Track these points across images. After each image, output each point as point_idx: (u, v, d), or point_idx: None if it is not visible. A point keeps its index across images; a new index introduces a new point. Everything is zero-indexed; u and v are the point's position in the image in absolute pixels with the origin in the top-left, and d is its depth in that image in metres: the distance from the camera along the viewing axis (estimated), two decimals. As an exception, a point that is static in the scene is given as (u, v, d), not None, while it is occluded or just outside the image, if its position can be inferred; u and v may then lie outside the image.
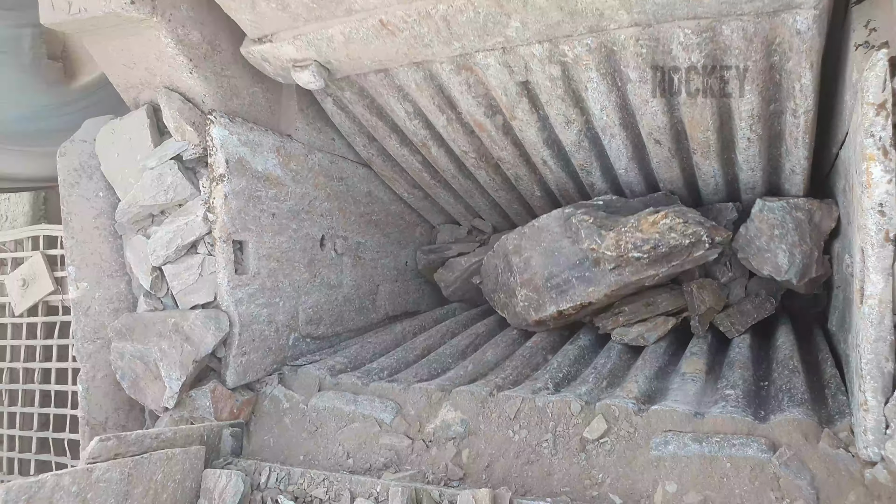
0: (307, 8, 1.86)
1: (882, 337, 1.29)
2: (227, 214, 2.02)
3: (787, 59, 1.77)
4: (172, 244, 2.02)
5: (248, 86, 2.22)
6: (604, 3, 1.66)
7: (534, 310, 2.33)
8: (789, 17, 1.61)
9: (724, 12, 1.64)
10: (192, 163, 2.09)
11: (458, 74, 2.08)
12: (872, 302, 1.29)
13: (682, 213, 2.10)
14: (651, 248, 2.05)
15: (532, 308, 2.34)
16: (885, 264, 1.28)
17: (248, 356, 2.08)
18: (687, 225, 2.05)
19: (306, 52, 2.01)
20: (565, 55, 1.90)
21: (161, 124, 2.13)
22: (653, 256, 2.07)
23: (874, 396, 1.29)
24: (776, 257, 2.16)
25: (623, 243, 2.08)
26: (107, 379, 2.03)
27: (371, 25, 1.86)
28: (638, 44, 1.79)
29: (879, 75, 1.30)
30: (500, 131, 2.35)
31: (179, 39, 1.99)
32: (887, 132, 1.28)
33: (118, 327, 1.99)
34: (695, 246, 2.07)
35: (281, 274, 2.24)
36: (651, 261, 2.10)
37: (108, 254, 2.13)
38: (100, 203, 2.14)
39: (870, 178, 1.29)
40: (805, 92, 1.86)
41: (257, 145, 2.16)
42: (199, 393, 1.93)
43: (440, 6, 1.76)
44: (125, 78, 2.14)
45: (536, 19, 1.75)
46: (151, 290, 2.06)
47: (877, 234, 1.29)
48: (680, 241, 2.04)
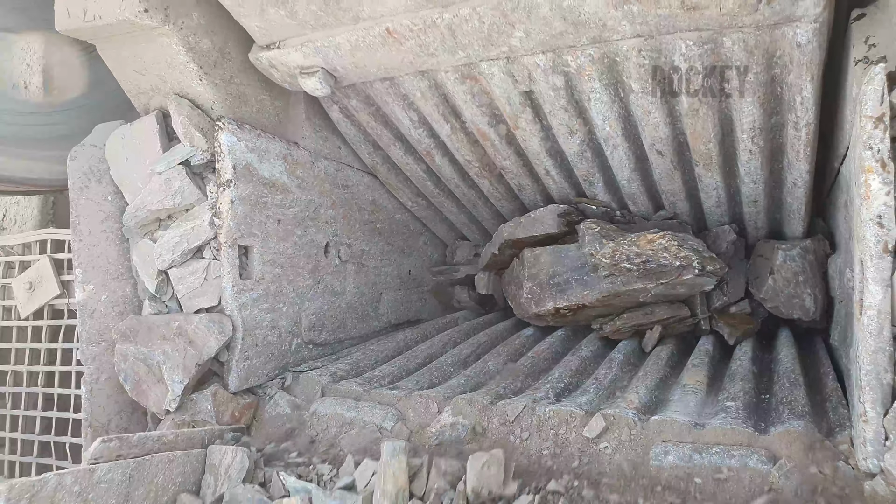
0: (315, 16, 1.89)
1: (881, 348, 1.29)
2: (234, 220, 2.04)
3: (788, 71, 1.79)
4: (179, 248, 2.04)
5: (257, 93, 2.25)
6: (606, 14, 1.68)
7: (535, 303, 2.52)
8: (790, 30, 1.63)
9: (726, 24, 1.66)
10: (199, 168, 2.12)
11: (462, 83, 2.11)
12: (871, 313, 1.30)
13: (681, 238, 2.20)
14: (642, 263, 2.20)
15: (533, 301, 2.52)
16: (884, 275, 1.29)
17: (251, 361, 2.09)
18: (681, 248, 2.17)
19: (313, 59, 2.04)
20: (568, 65, 1.92)
21: (170, 130, 2.16)
22: (643, 270, 2.22)
23: (873, 407, 1.30)
24: (804, 302, 2.29)
25: (618, 254, 2.22)
26: (110, 381, 2.04)
27: (377, 34, 1.89)
28: (640, 55, 1.81)
29: (877, 89, 1.31)
30: (503, 141, 2.37)
31: (190, 47, 2.03)
32: (885, 145, 1.30)
33: (123, 329, 2.01)
34: (684, 269, 2.19)
35: (285, 280, 2.25)
36: (641, 274, 2.24)
37: (114, 257, 2.15)
38: (108, 207, 2.16)
39: (868, 190, 1.31)
40: (806, 104, 1.87)
41: (264, 152, 2.19)
42: (200, 396, 1.94)
43: (445, 15, 1.79)
44: (136, 84, 2.17)
45: (540, 29, 1.78)
46: (156, 294, 2.07)
47: (875, 246, 1.30)
48: (671, 261, 2.18)
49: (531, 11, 1.71)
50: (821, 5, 1.54)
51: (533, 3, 1.70)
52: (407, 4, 1.78)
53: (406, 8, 1.79)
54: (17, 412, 2.63)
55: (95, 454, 1.57)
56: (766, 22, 1.62)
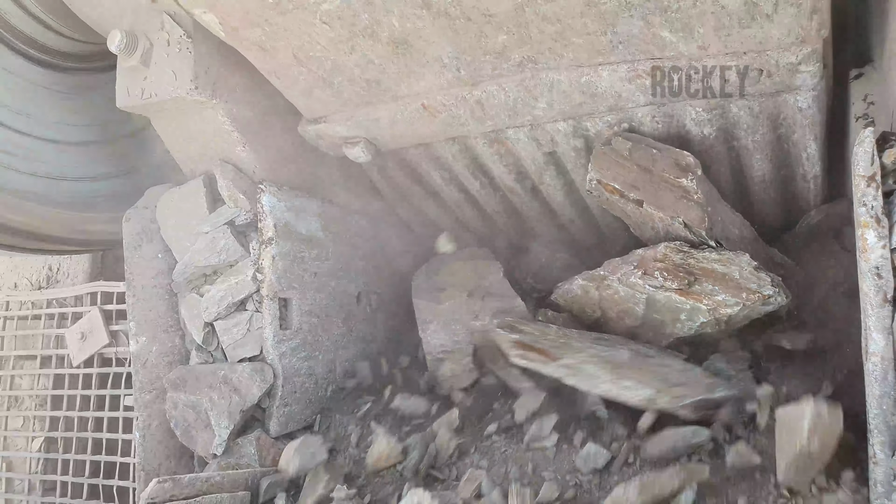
0: (358, 95, 2.08)
1: (887, 393, 1.37)
2: (275, 274, 2.19)
3: (793, 131, 1.91)
4: (224, 301, 2.19)
5: (295, 157, 2.43)
6: (621, 87, 1.83)
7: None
8: (791, 97, 1.76)
9: (731, 93, 1.79)
10: (242, 227, 2.28)
11: (490, 147, 2.26)
12: (875, 359, 1.38)
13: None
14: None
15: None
16: (885, 323, 1.37)
17: (290, 407, 2.22)
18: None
19: (356, 132, 2.24)
20: (588, 130, 2.07)
21: (215, 192, 2.34)
22: None
23: (882, 450, 1.37)
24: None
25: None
26: (161, 427, 2.18)
27: (414, 109, 2.07)
28: (654, 120, 1.95)
29: (867, 151, 1.43)
30: (529, 193, 2.51)
31: (234, 118, 2.22)
32: (878, 202, 1.40)
33: (173, 378, 2.15)
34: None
35: (321, 329, 2.39)
36: None
37: (164, 311, 2.31)
38: (158, 264, 2.34)
39: (865, 244, 1.41)
40: (812, 160, 1.99)
41: (301, 210, 2.35)
42: (245, 441, 2.06)
43: (475, 92, 1.97)
44: (185, 151, 2.37)
45: (561, 101, 1.93)
46: (203, 345, 2.22)
47: (875, 296, 1.39)
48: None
49: (553, 86, 1.88)
50: (817, 76, 1.67)
51: (554, 80, 1.86)
52: (440, 83, 1.96)
53: (439, 87, 1.97)
54: (69, 456, 2.76)
55: (151, 495, 1.69)
56: (769, 90, 1.75)
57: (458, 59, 1.87)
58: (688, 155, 1.96)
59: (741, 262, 1.89)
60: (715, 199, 2.03)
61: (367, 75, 1.98)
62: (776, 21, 1.57)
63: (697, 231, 1.91)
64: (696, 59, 1.73)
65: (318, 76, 2.03)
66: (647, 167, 1.95)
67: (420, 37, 1.79)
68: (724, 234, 2.01)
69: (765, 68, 1.70)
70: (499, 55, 1.83)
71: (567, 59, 1.81)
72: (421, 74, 1.94)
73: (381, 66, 1.93)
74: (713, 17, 1.59)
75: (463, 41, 1.79)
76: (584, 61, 1.81)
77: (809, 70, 1.68)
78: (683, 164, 1.95)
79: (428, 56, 1.86)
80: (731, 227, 2.05)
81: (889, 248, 1.39)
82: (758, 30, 1.61)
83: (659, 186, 1.93)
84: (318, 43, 1.87)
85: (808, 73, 1.69)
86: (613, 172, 1.97)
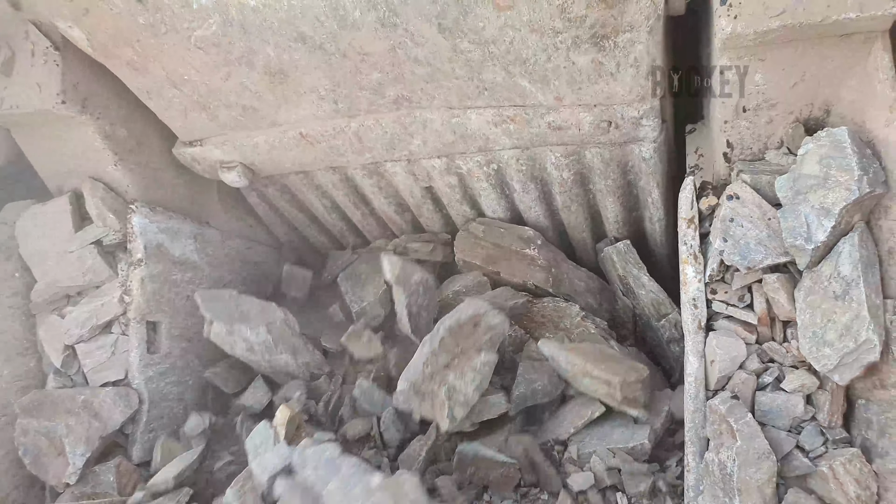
0: (235, 120, 2.10)
1: (698, 408, 1.57)
2: (143, 297, 2.15)
3: (640, 178, 2.14)
4: (88, 324, 2.12)
5: (172, 178, 2.40)
6: (488, 130, 1.98)
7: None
8: (636, 147, 1.98)
9: (585, 141, 1.98)
10: (111, 247, 2.22)
11: (370, 178, 2.35)
12: (690, 380, 1.58)
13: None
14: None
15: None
16: (699, 348, 1.58)
17: (156, 433, 2.16)
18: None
19: (233, 155, 2.24)
20: (460, 168, 2.21)
21: (83, 210, 2.26)
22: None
23: (694, 458, 1.56)
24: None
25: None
26: (8, 456, 2.04)
27: (291, 137, 2.12)
28: (518, 162, 2.12)
29: (688, 196, 1.65)
30: (409, 225, 2.61)
31: (107, 135, 2.17)
32: (696, 241, 1.62)
33: (25, 403, 2.04)
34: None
35: (192, 353, 2.35)
36: None
37: (19, 332, 2.19)
38: (15, 283, 2.22)
39: (685, 278, 1.61)
40: (656, 204, 2.23)
41: (176, 232, 2.32)
42: (103, 468, 1.98)
43: (353, 124, 2.04)
44: (51, 167, 2.28)
45: (434, 139, 2.06)
46: (62, 368, 2.12)
47: (692, 323, 1.59)
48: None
49: (426, 125, 2.00)
50: (657, 130, 1.90)
51: (427, 119, 1.98)
52: (317, 114, 2.02)
53: (316, 117, 2.03)
54: None
55: (-8, 529, 1.60)
56: (618, 140, 1.96)
57: (335, 92, 1.94)
58: (528, 229, 2.36)
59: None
60: (561, 260, 2.39)
61: (244, 101, 2.01)
62: (619, 79, 1.77)
63: (544, 289, 2.26)
64: (553, 108, 1.90)
65: (193, 100, 2.03)
66: (498, 243, 2.33)
67: (296, 68, 1.85)
68: (572, 288, 2.35)
69: (612, 120, 1.90)
70: (375, 91, 1.92)
71: (439, 100, 1.93)
72: (298, 103, 2.00)
73: (257, 93, 1.96)
74: (566, 72, 1.77)
75: (338, 75, 1.87)
76: (455, 104, 1.94)
77: (650, 124, 1.90)
78: (525, 237, 2.34)
79: (304, 87, 1.92)
80: (576, 281, 2.38)
81: (703, 282, 1.61)
82: (604, 86, 1.80)
83: (511, 257, 2.29)
84: (192, 67, 1.88)
85: (649, 126, 1.91)
86: (473, 252, 2.35)
